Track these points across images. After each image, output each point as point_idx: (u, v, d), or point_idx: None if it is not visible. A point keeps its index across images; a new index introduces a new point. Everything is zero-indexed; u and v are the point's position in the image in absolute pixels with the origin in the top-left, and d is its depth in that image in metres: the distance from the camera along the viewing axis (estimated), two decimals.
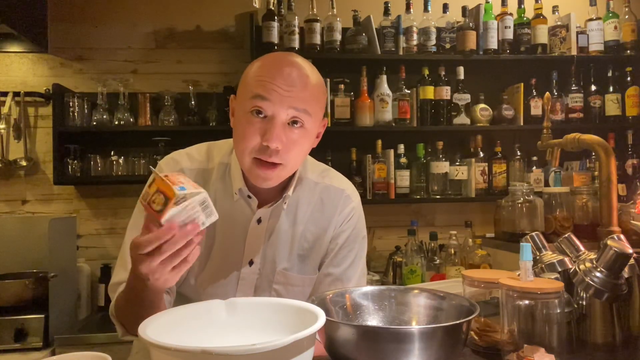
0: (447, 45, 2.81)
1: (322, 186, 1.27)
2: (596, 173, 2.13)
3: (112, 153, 2.72)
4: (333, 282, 1.25)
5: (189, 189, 0.86)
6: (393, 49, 2.76)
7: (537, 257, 1.17)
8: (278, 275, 1.22)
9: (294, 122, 1.08)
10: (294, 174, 1.20)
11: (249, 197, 1.18)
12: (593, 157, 2.66)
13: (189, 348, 0.72)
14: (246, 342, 0.72)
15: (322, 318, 0.83)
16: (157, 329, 0.82)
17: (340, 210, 1.27)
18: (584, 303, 1.10)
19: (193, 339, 0.88)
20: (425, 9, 2.81)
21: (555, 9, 2.97)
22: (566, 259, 1.14)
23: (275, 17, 2.68)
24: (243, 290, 1.21)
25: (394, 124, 2.76)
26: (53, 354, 2.18)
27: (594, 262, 1.07)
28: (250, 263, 1.21)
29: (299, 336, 0.74)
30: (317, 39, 2.71)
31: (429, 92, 2.76)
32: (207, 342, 0.90)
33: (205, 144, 1.30)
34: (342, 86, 2.71)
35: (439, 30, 2.81)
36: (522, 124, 2.82)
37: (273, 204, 1.19)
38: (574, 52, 2.83)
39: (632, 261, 1.08)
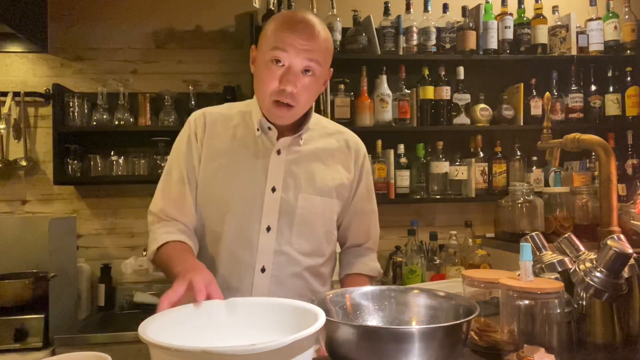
0: (447, 45, 2.81)
1: (337, 132, 1.47)
2: (596, 173, 2.13)
3: (112, 153, 2.72)
4: (362, 215, 1.51)
5: None
6: (393, 49, 2.76)
7: (537, 257, 1.18)
8: (300, 200, 1.35)
9: (306, 70, 1.26)
10: (308, 115, 1.38)
11: (269, 128, 1.34)
12: (593, 157, 2.66)
13: (190, 348, 0.72)
14: (246, 342, 0.72)
15: (322, 318, 0.83)
16: (157, 329, 0.82)
17: (356, 153, 1.47)
18: (584, 303, 1.10)
19: (193, 339, 0.88)
20: (425, 9, 2.81)
21: (555, 9, 2.97)
22: (566, 259, 1.14)
23: None
24: (268, 215, 1.33)
25: (394, 124, 2.76)
26: (53, 354, 2.18)
27: (594, 262, 1.07)
28: (273, 190, 1.34)
29: (299, 336, 0.74)
30: None
31: (429, 92, 2.76)
32: (207, 342, 0.90)
33: (225, 103, 1.50)
34: (342, 86, 2.71)
35: (439, 30, 2.81)
36: (522, 124, 2.82)
37: (291, 138, 1.35)
38: (574, 52, 2.83)
39: (632, 261, 1.08)
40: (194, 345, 0.73)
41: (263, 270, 1.33)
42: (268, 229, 1.33)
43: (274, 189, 1.34)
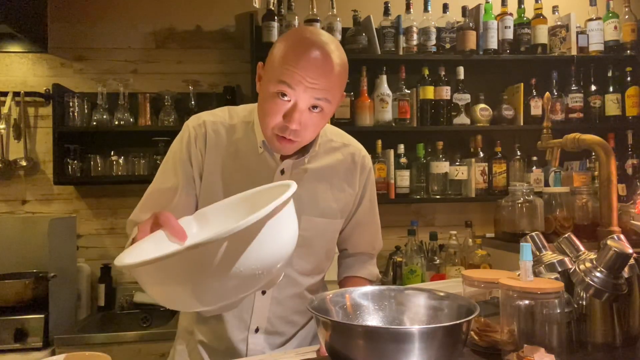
0: (447, 45, 2.81)
1: (343, 145, 1.41)
2: (596, 173, 2.13)
3: (112, 153, 2.72)
4: (364, 225, 1.46)
5: None
6: (393, 49, 2.76)
7: (537, 257, 1.17)
8: (302, 222, 1.28)
9: (314, 107, 1.17)
10: (315, 138, 1.31)
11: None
12: (593, 157, 2.66)
13: (173, 252, 0.68)
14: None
15: (293, 185, 0.82)
16: (133, 257, 0.78)
17: (361, 167, 1.41)
18: (584, 303, 1.10)
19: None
20: (425, 9, 2.81)
21: (555, 9, 2.97)
22: (566, 259, 1.14)
23: (275, 17, 2.68)
24: None
25: (394, 124, 2.76)
26: (53, 354, 2.18)
27: (594, 262, 1.07)
28: None
29: (276, 203, 0.73)
30: None
31: (429, 92, 2.76)
32: None
33: (225, 107, 1.38)
34: None
35: (439, 30, 2.81)
36: (522, 124, 2.82)
37: (296, 158, 1.29)
38: (574, 52, 2.83)
39: (632, 261, 1.08)
40: (175, 249, 0.69)
41: (263, 292, 1.31)
42: None
43: None
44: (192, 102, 2.77)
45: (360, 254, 1.52)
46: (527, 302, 0.95)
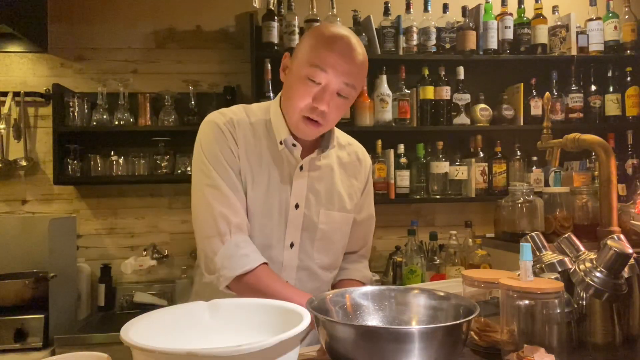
0: (447, 45, 2.81)
1: (348, 144, 1.48)
2: (596, 173, 2.13)
3: (112, 153, 2.72)
4: (362, 222, 1.48)
5: None
6: (393, 49, 2.76)
7: (537, 257, 1.17)
8: (322, 216, 1.37)
9: (340, 93, 1.25)
10: (331, 131, 1.38)
11: (294, 145, 1.32)
12: (593, 157, 2.66)
13: (174, 350, 0.71)
14: (231, 344, 0.71)
15: (307, 318, 0.82)
16: (139, 332, 0.80)
17: (364, 164, 1.49)
18: (584, 303, 1.10)
19: (176, 341, 0.87)
20: (425, 9, 2.81)
21: (555, 9, 2.97)
22: (566, 259, 1.14)
23: (275, 17, 2.68)
24: (291, 231, 1.34)
25: (394, 124, 2.76)
26: (53, 354, 2.18)
27: (594, 262, 1.07)
28: (297, 206, 1.34)
29: (285, 336, 0.74)
30: None
31: (429, 92, 2.76)
32: (190, 344, 0.89)
33: (239, 105, 1.42)
34: None
35: (439, 30, 2.81)
36: (522, 124, 2.82)
37: (314, 154, 1.35)
38: (574, 52, 2.83)
39: (632, 261, 1.08)
40: (178, 348, 0.72)
41: None
42: (291, 245, 1.35)
43: (297, 206, 1.34)
44: (192, 102, 2.77)
45: (352, 255, 1.54)
46: (527, 302, 0.95)
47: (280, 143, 1.32)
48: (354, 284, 1.48)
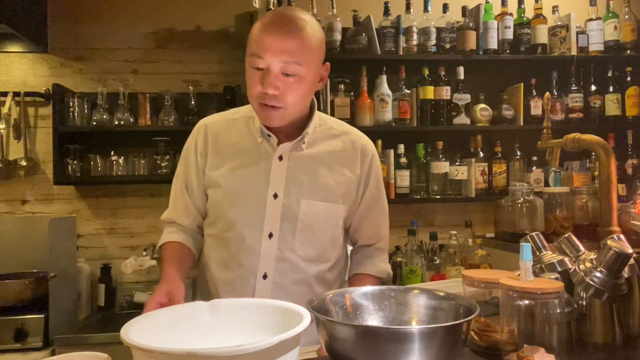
0: (447, 45, 2.81)
1: (342, 133, 1.47)
2: (596, 173, 2.13)
3: (112, 153, 2.72)
4: (372, 213, 1.47)
5: None
6: (393, 49, 2.76)
7: (537, 257, 1.17)
8: (303, 205, 1.35)
9: (287, 73, 1.24)
10: (311, 117, 1.38)
11: (269, 135, 1.34)
12: (593, 157, 2.66)
13: (174, 350, 0.71)
14: (231, 344, 0.72)
15: (307, 318, 0.82)
16: (139, 332, 0.80)
17: (362, 153, 1.45)
18: (584, 303, 1.10)
19: (177, 341, 0.87)
20: (425, 9, 2.81)
21: (555, 9, 2.97)
22: (566, 259, 1.14)
23: None
24: (270, 222, 1.34)
25: (394, 124, 2.76)
26: (53, 354, 2.18)
27: (594, 262, 1.07)
28: (275, 196, 1.35)
29: (285, 336, 0.74)
30: None
31: (429, 92, 2.76)
32: (190, 344, 0.89)
33: (233, 108, 1.52)
34: (342, 86, 2.71)
35: (439, 30, 2.81)
36: (522, 124, 2.82)
37: (291, 144, 1.35)
38: (574, 52, 2.83)
39: (632, 261, 1.08)
40: (177, 348, 0.72)
41: (265, 276, 1.34)
42: (270, 235, 1.34)
43: (275, 195, 1.34)
44: (192, 102, 2.77)
45: (367, 247, 1.51)
46: (527, 302, 0.95)
47: (260, 136, 1.36)
48: (366, 279, 1.46)
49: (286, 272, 1.34)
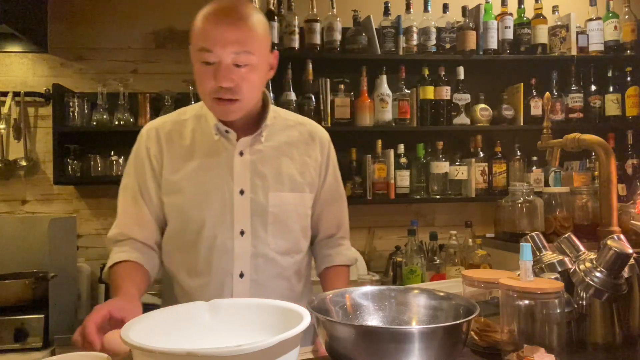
0: (447, 45, 2.81)
1: (298, 124, 1.44)
2: (596, 173, 2.13)
3: (112, 153, 2.72)
4: (332, 203, 1.46)
5: None
6: (393, 49, 2.76)
7: (537, 257, 1.17)
8: (271, 198, 1.33)
9: (238, 64, 1.21)
10: (265, 111, 1.36)
11: (227, 131, 1.31)
12: (593, 157, 2.66)
13: (174, 350, 0.71)
14: (231, 344, 0.72)
15: (307, 318, 0.82)
16: (139, 332, 0.80)
17: (320, 142, 1.44)
18: (584, 303, 1.10)
19: (177, 341, 0.87)
20: (425, 9, 2.81)
21: (555, 9, 2.97)
22: (566, 259, 1.14)
23: (275, 17, 2.67)
24: (240, 219, 1.31)
25: (394, 124, 2.76)
26: (53, 354, 2.18)
27: (594, 262, 1.07)
28: (241, 192, 1.32)
29: (285, 336, 0.74)
30: (317, 39, 2.71)
31: (429, 92, 2.76)
32: (191, 344, 0.89)
33: (176, 110, 1.46)
34: (342, 86, 2.71)
35: (439, 30, 2.81)
36: (522, 124, 2.82)
37: (250, 137, 1.33)
38: (574, 52, 2.83)
39: (632, 261, 1.08)
40: (177, 348, 0.72)
41: (242, 275, 1.31)
42: (242, 232, 1.31)
43: (242, 192, 1.32)
44: (192, 102, 2.77)
45: (331, 239, 1.50)
46: (527, 302, 0.95)
47: (216, 134, 1.32)
48: (340, 270, 1.46)
49: (263, 268, 1.33)
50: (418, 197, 2.79)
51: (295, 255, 1.39)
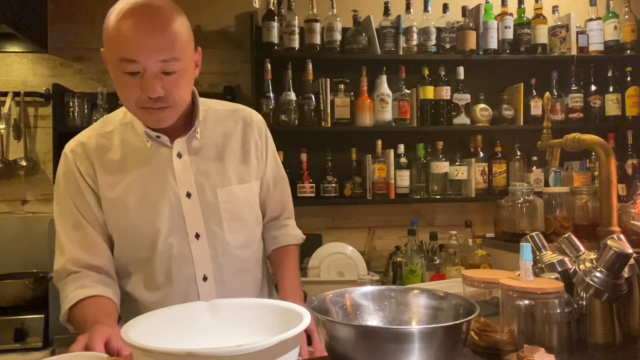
0: (447, 45, 2.81)
1: (231, 112, 1.38)
2: (596, 173, 2.13)
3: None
4: (275, 185, 1.42)
5: None
6: (393, 49, 2.76)
7: (537, 257, 1.17)
8: (220, 195, 1.28)
9: (166, 71, 1.12)
10: (195, 107, 1.29)
11: (158, 137, 1.24)
12: (593, 157, 2.66)
13: (174, 350, 0.71)
14: (231, 344, 0.72)
15: (307, 318, 0.82)
16: (139, 332, 0.80)
17: (257, 126, 1.38)
18: (584, 303, 1.10)
19: (176, 341, 0.87)
20: (425, 9, 2.81)
21: (555, 9, 2.97)
22: (566, 259, 1.14)
23: (275, 17, 2.68)
24: (192, 222, 1.25)
25: (394, 124, 2.76)
26: (53, 354, 2.18)
27: (594, 262, 1.07)
28: (188, 195, 1.26)
29: (285, 336, 0.74)
30: (317, 39, 2.71)
31: (429, 92, 2.76)
32: (191, 344, 0.89)
33: (99, 119, 1.37)
34: (342, 86, 2.71)
35: (439, 30, 2.81)
36: (522, 124, 2.82)
37: (186, 135, 1.26)
38: (574, 52, 2.83)
39: (632, 261, 1.08)
40: (177, 348, 0.72)
41: (205, 279, 1.27)
42: (197, 236, 1.26)
43: (189, 195, 1.25)
44: None
45: (276, 220, 1.47)
46: (527, 302, 0.95)
47: (147, 141, 1.24)
48: (289, 249, 1.44)
49: (225, 267, 1.29)
50: (418, 197, 2.79)
51: (253, 245, 1.36)
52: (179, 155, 1.26)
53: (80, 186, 1.24)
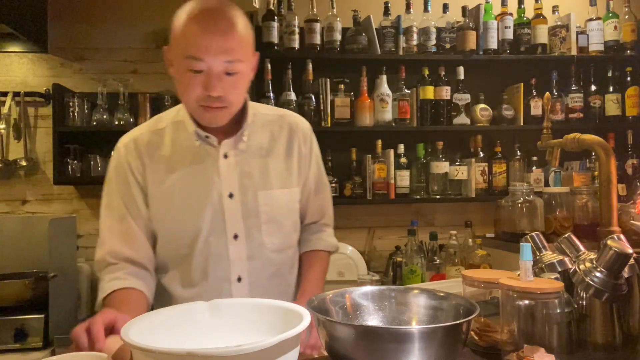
0: (447, 45, 2.81)
1: (278, 117, 1.40)
2: (596, 173, 2.13)
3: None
4: (316, 192, 1.43)
5: None
6: (393, 49, 2.76)
7: (537, 257, 1.17)
8: (261, 198, 1.31)
9: (229, 72, 1.17)
10: (245, 108, 1.32)
11: (207, 137, 1.28)
12: (593, 157, 2.66)
13: (174, 350, 0.71)
14: (231, 344, 0.72)
15: (307, 318, 0.82)
16: (139, 332, 0.80)
17: (302, 132, 1.41)
18: (584, 303, 1.10)
19: (177, 341, 0.87)
20: (425, 9, 2.81)
21: (555, 9, 2.97)
22: (566, 259, 1.14)
23: (275, 17, 2.68)
24: (232, 223, 1.29)
25: (394, 124, 2.76)
26: (53, 354, 2.18)
27: (594, 262, 1.07)
28: (230, 196, 1.29)
29: (285, 336, 0.74)
30: (317, 39, 2.71)
31: (429, 92, 2.76)
32: (191, 344, 0.89)
33: (154, 117, 1.41)
34: (342, 86, 2.71)
35: (439, 30, 2.81)
36: (522, 124, 2.82)
37: (232, 139, 1.29)
38: (574, 52, 2.83)
39: (632, 261, 1.08)
40: (178, 348, 0.72)
41: (239, 279, 1.29)
42: (235, 236, 1.29)
43: (231, 195, 1.29)
44: None
45: (313, 225, 1.49)
46: (527, 302, 0.95)
47: (196, 140, 1.28)
48: (319, 255, 1.45)
49: (260, 269, 1.31)
50: (418, 197, 2.79)
51: (288, 251, 1.39)
52: (225, 156, 1.29)
53: (129, 181, 1.29)
